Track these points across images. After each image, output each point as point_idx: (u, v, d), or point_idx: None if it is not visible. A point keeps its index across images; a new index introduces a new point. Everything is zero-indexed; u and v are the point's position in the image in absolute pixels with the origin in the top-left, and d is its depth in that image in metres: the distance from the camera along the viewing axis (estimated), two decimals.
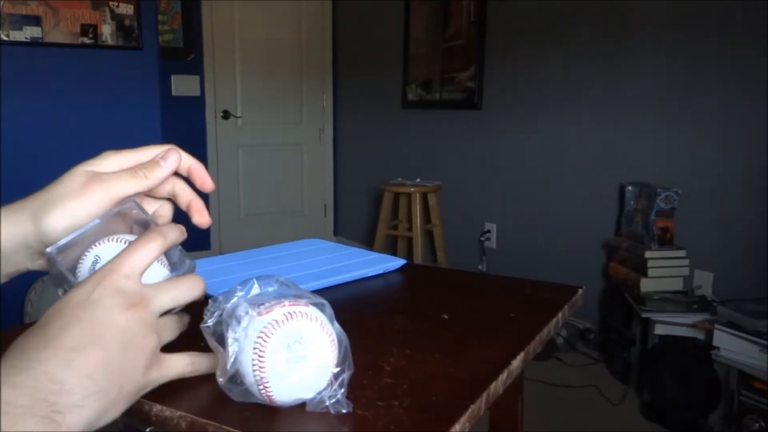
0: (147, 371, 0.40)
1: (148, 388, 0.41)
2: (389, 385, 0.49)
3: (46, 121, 3.09)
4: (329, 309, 0.48)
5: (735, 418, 1.84)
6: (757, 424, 1.78)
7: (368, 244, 3.85)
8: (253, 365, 0.45)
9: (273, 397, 0.46)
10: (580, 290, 0.69)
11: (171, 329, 0.44)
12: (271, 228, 4.37)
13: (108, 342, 0.37)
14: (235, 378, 0.47)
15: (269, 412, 0.47)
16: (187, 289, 0.44)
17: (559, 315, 0.62)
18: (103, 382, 0.36)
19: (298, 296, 0.48)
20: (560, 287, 0.70)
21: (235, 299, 0.49)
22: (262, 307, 0.47)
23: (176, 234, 0.45)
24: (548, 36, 2.94)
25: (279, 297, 0.48)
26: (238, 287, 0.49)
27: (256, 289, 0.49)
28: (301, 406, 0.47)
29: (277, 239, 1.05)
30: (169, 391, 0.50)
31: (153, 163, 0.47)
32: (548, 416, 2.10)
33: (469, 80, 3.38)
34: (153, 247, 0.43)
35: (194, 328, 0.62)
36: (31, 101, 3.06)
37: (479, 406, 0.44)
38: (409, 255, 3.30)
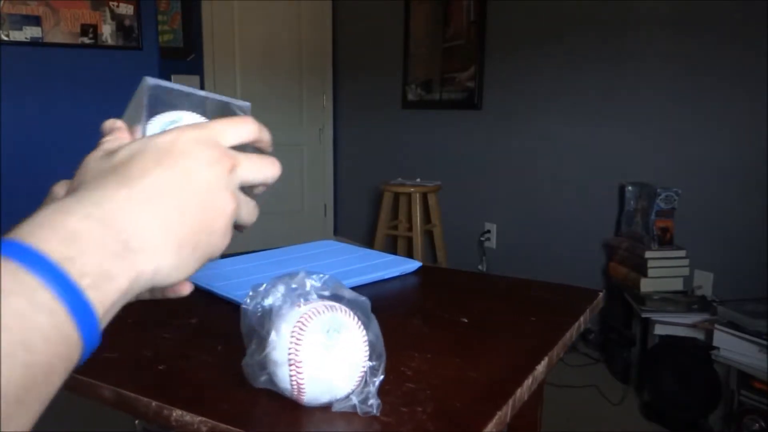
0: (222, 236, 0.36)
1: (218, 254, 0.37)
2: (412, 390, 0.49)
3: (46, 121, 3.08)
4: (369, 308, 0.48)
5: (735, 418, 1.85)
6: (757, 424, 1.79)
7: (368, 244, 3.85)
8: (290, 346, 0.45)
9: (303, 386, 0.45)
10: (601, 294, 0.69)
11: (250, 210, 0.39)
12: (271, 228, 4.36)
13: (189, 196, 0.34)
14: (266, 361, 0.47)
15: (292, 416, 0.47)
16: (270, 165, 0.40)
17: (581, 319, 0.62)
18: (178, 235, 0.34)
19: (341, 291, 0.49)
20: (580, 290, 0.70)
21: (282, 288, 0.49)
22: (306, 296, 0.48)
23: (268, 137, 0.42)
24: (548, 36, 2.95)
25: (323, 290, 0.49)
26: (286, 277, 0.49)
27: (303, 281, 0.50)
28: (325, 409, 0.47)
29: (277, 239, 1.05)
30: (189, 395, 0.51)
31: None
32: (548, 416, 2.11)
33: (469, 80, 3.38)
34: (249, 127, 0.40)
35: (213, 328, 0.63)
36: (31, 101, 3.05)
37: (505, 413, 0.45)
38: (409, 255, 3.30)
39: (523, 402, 0.48)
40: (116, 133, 0.41)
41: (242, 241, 0.47)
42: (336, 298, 0.48)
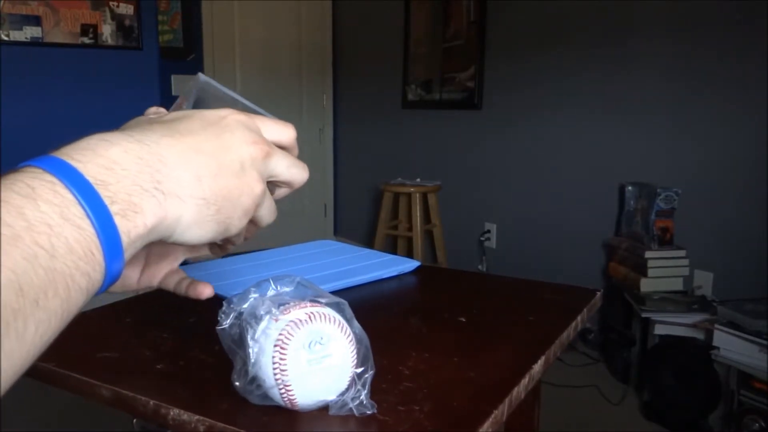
0: (243, 214, 0.38)
1: (233, 233, 0.39)
2: (409, 389, 0.49)
3: (46, 121, 3.08)
4: (348, 309, 0.48)
5: (735, 418, 1.85)
6: (757, 424, 1.79)
7: (368, 244, 3.85)
8: (274, 367, 0.45)
9: (295, 401, 0.45)
10: (599, 293, 0.70)
11: (270, 207, 0.41)
12: (271, 227, 4.32)
13: (225, 161, 0.36)
14: (254, 381, 0.47)
15: (288, 416, 0.47)
16: (301, 169, 0.42)
17: (578, 318, 0.63)
18: (209, 191, 0.35)
19: (316, 296, 0.48)
20: (578, 290, 0.70)
21: (252, 299, 0.49)
22: (281, 307, 0.47)
23: (297, 151, 0.44)
24: (548, 36, 2.95)
25: (297, 297, 0.48)
26: (252, 288, 0.49)
27: (272, 290, 0.49)
28: (321, 409, 0.47)
29: (276, 239, 1.05)
30: (187, 395, 0.51)
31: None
32: (548, 416, 2.11)
33: (469, 80, 3.38)
34: (290, 132, 0.42)
35: (211, 328, 0.63)
36: (31, 101, 3.05)
37: (502, 411, 0.45)
38: (409, 255, 3.30)
39: (520, 401, 0.48)
40: (161, 110, 0.43)
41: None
42: (312, 301, 0.47)
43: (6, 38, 2.94)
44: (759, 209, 2.17)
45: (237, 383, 0.48)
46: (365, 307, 0.70)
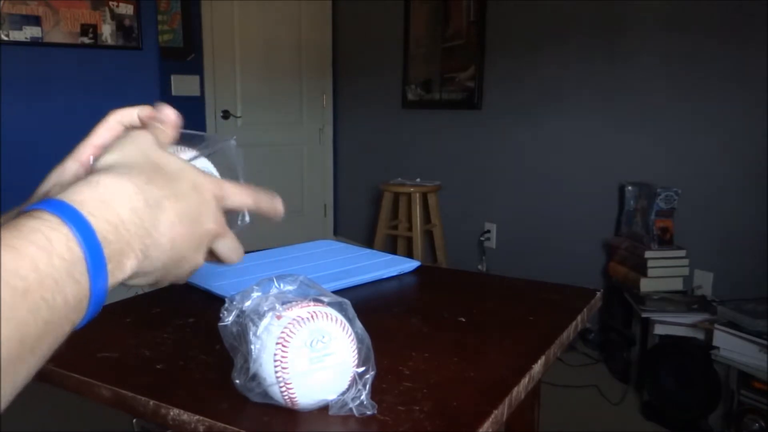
0: (177, 279, 0.40)
1: (189, 274, 0.42)
2: (409, 389, 0.49)
3: (46, 121, 3.08)
4: (351, 308, 0.48)
5: (735, 418, 1.85)
6: (757, 424, 1.79)
7: (368, 244, 3.85)
8: (275, 365, 0.45)
9: (295, 399, 0.45)
10: (599, 293, 0.69)
11: (230, 245, 0.43)
12: (271, 228, 4.32)
13: (195, 235, 0.39)
14: (255, 378, 0.47)
15: (288, 415, 0.47)
16: (237, 252, 0.44)
17: (579, 318, 0.62)
18: (176, 253, 0.38)
19: (319, 296, 0.48)
20: (578, 290, 0.70)
21: (255, 297, 0.49)
22: (284, 305, 0.47)
23: (267, 204, 0.46)
24: (548, 36, 2.95)
25: (300, 296, 0.48)
26: (255, 287, 0.49)
27: (275, 289, 0.49)
28: (321, 409, 0.47)
29: (276, 239, 1.05)
30: (187, 394, 0.51)
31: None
32: (548, 416, 2.11)
33: (469, 80, 3.38)
34: (249, 201, 0.44)
35: (211, 328, 0.63)
36: (31, 101, 3.05)
37: (502, 411, 0.45)
38: (409, 255, 3.30)
39: (520, 401, 0.48)
40: (167, 126, 0.44)
41: (242, 240, 0.47)
42: (315, 300, 0.47)
43: (6, 38, 2.94)
44: (759, 209, 2.17)
45: (237, 381, 0.48)
46: (365, 306, 0.70)
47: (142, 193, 0.36)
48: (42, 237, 0.30)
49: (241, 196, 0.43)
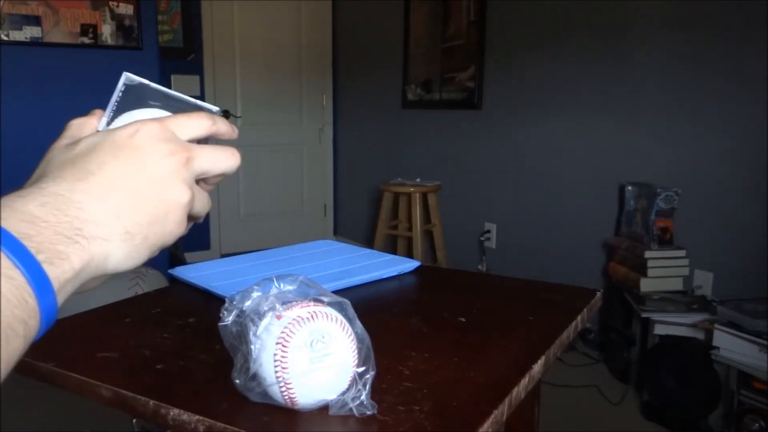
0: (176, 226, 0.38)
1: (171, 243, 0.40)
2: (409, 389, 0.49)
3: (46, 121, 3.08)
4: (351, 308, 0.48)
5: (735, 418, 1.85)
6: (757, 424, 1.79)
7: (368, 244, 3.85)
8: (275, 365, 0.45)
9: (295, 399, 0.45)
10: (599, 293, 0.69)
11: (203, 201, 0.41)
12: (271, 228, 4.37)
13: (143, 188, 0.37)
14: (255, 378, 0.47)
15: (288, 415, 0.47)
16: (229, 156, 0.42)
17: (578, 318, 0.62)
18: (131, 225, 0.36)
19: (319, 296, 0.48)
20: (578, 290, 0.70)
21: (255, 297, 0.49)
22: (284, 305, 0.47)
23: (226, 127, 0.43)
24: (548, 36, 2.95)
25: (300, 296, 0.48)
26: (255, 286, 0.49)
27: (275, 289, 0.49)
28: (321, 409, 0.47)
29: (276, 239, 1.05)
30: (187, 394, 0.51)
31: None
32: (548, 416, 2.11)
33: (469, 80, 3.38)
34: (204, 121, 0.41)
35: (211, 328, 0.63)
36: (31, 101, 3.05)
37: (502, 411, 0.45)
38: (409, 255, 3.30)
39: (520, 401, 0.48)
40: (86, 118, 0.43)
41: (241, 241, 0.47)
42: (315, 300, 0.47)
43: (6, 38, 2.94)
44: (759, 209, 2.17)
45: (237, 381, 0.48)
46: (365, 306, 0.70)
47: (47, 188, 0.35)
48: None
49: (191, 118, 0.41)
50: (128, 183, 0.36)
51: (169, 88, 0.44)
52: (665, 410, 2.08)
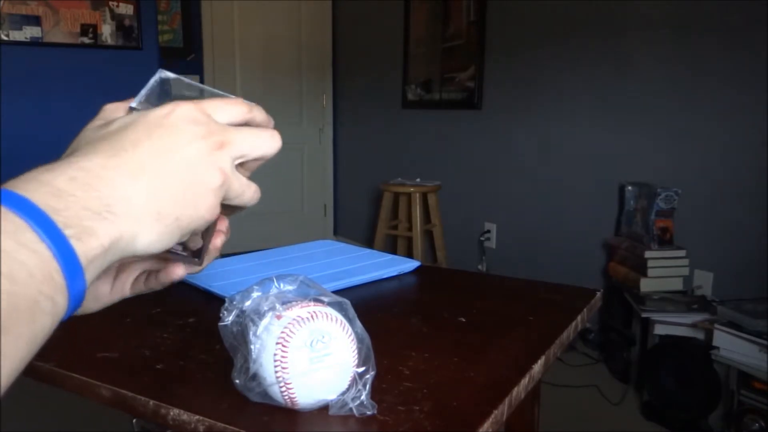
0: (207, 211, 0.37)
1: (202, 228, 0.39)
2: (409, 389, 0.49)
3: (46, 121, 3.08)
4: (351, 309, 0.48)
5: (735, 418, 1.85)
6: (757, 424, 1.79)
7: (368, 244, 3.85)
8: (275, 365, 0.45)
9: (295, 399, 0.45)
10: (599, 293, 0.69)
11: (243, 187, 0.39)
12: (271, 228, 4.37)
13: (176, 169, 0.36)
14: (255, 378, 0.47)
15: (288, 415, 0.47)
16: (269, 138, 0.40)
17: (578, 318, 0.62)
18: (162, 205, 0.35)
19: (319, 296, 0.48)
20: (578, 290, 0.70)
21: (255, 297, 0.49)
22: (284, 305, 0.47)
23: (263, 116, 0.42)
24: (548, 36, 2.95)
25: (300, 296, 0.48)
26: (255, 286, 0.49)
27: (275, 289, 0.49)
28: (321, 409, 0.47)
29: (276, 239, 1.05)
30: (187, 394, 0.51)
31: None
32: (548, 416, 2.11)
33: (469, 80, 3.38)
34: (240, 107, 0.40)
35: (211, 328, 0.63)
36: (31, 101, 3.05)
37: (502, 411, 0.45)
38: (409, 255, 3.30)
39: (520, 401, 0.48)
40: (121, 102, 0.42)
41: (241, 240, 0.47)
42: (315, 300, 0.47)
43: (6, 38, 2.94)
44: (759, 209, 2.17)
45: (237, 380, 0.48)
46: (365, 306, 0.70)
47: (77, 163, 0.33)
48: None
49: (228, 102, 0.40)
50: (161, 163, 0.36)
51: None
52: (665, 410, 2.08)
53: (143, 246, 0.35)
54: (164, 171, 0.35)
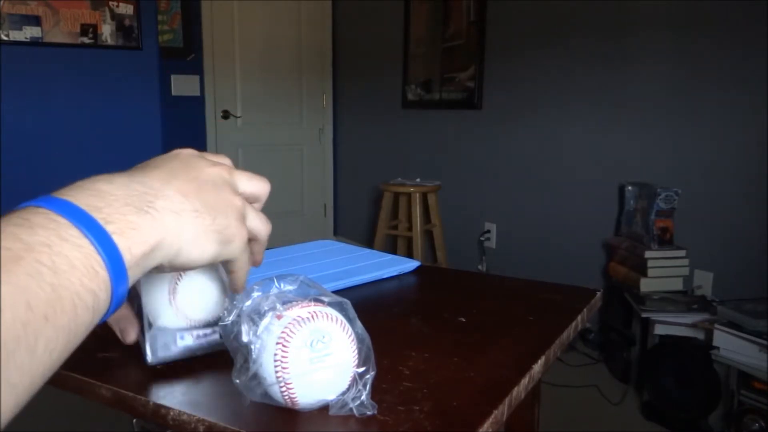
0: (235, 227, 0.41)
1: (235, 252, 0.42)
2: (409, 389, 0.49)
3: (46, 121, 3.08)
4: (351, 309, 0.48)
5: (735, 418, 1.85)
6: (757, 424, 1.79)
7: (368, 244, 3.85)
8: (276, 365, 0.45)
9: (296, 399, 0.45)
10: (599, 293, 0.69)
11: (259, 217, 0.46)
12: (271, 228, 4.36)
13: (200, 180, 0.40)
14: (255, 378, 0.47)
15: (288, 415, 0.47)
16: (260, 179, 0.47)
17: (578, 318, 0.62)
18: (198, 204, 0.38)
19: (319, 296, 0.48)
20: (578, 290, 0.70)
21: (255, 297, 0.49)
22: (284, 305, 0.47)
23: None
24: (548, 36, 2.95)
25: (301, 296, 0.48)
26: (255, 286, 0.49)
27: (275, 289, 0.49)
28: (321, 409, 0.47)
29: (276, 239, 1.05)
30: (187, 394, 0.51)
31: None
32: (548, 416, 2.11)
33: (469, 80, 3.38)
34: (263, 182, 0.48)
35: None
36: (31, 101, 3.05)
37: (502, 411, 0.45)
38: (409, 255, 3.30)
39: (520, 401, 0.48)
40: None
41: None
42: (315, 300, 0.47)
43: (6, 38, 2.94)
44: (759, 209, 2.17)
45: (237, 380, 0.48)
46: (365, 306, 0.70)
47: (115, 174, 0.36)
48: (17, 218, 0.29)
49: (251, 176, 0.46)
50: (188, 174, 0.39)
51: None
52: (665, 410, 2.08)
53: (188, 248, 0.37)
54: (192, 180, 0.39)
